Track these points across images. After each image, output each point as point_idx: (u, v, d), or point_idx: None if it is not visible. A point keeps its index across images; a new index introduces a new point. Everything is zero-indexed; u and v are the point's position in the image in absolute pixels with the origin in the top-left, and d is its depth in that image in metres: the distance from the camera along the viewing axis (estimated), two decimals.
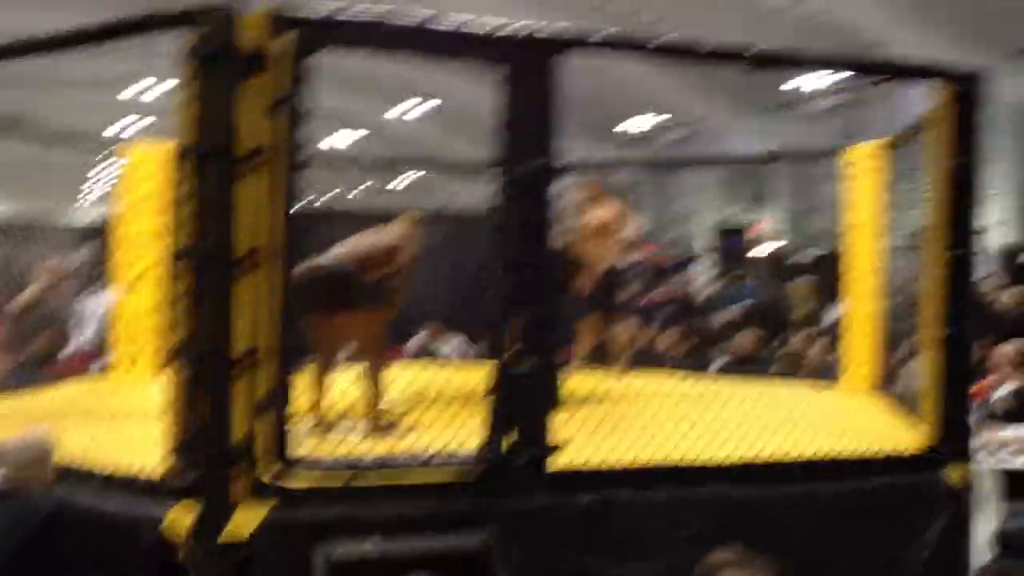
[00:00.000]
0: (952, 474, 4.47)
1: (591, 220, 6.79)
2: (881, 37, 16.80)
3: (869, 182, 6.84)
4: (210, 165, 3.57)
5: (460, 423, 4.27)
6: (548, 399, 4.04)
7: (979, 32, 16.99)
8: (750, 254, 12.48)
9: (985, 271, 14.24)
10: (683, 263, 18.06)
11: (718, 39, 4.41)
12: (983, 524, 4.69)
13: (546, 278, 3.98)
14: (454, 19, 3.90)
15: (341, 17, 3.70)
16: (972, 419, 4.68)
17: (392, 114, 22.95)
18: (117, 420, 4.27)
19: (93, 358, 9.80)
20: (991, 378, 7.33)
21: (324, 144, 23.58)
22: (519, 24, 3.95)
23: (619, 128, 24.62)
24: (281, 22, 3.61)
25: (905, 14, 16.09)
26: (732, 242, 12.01)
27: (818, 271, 12.57)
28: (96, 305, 10.38)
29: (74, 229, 8.71)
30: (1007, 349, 7.32)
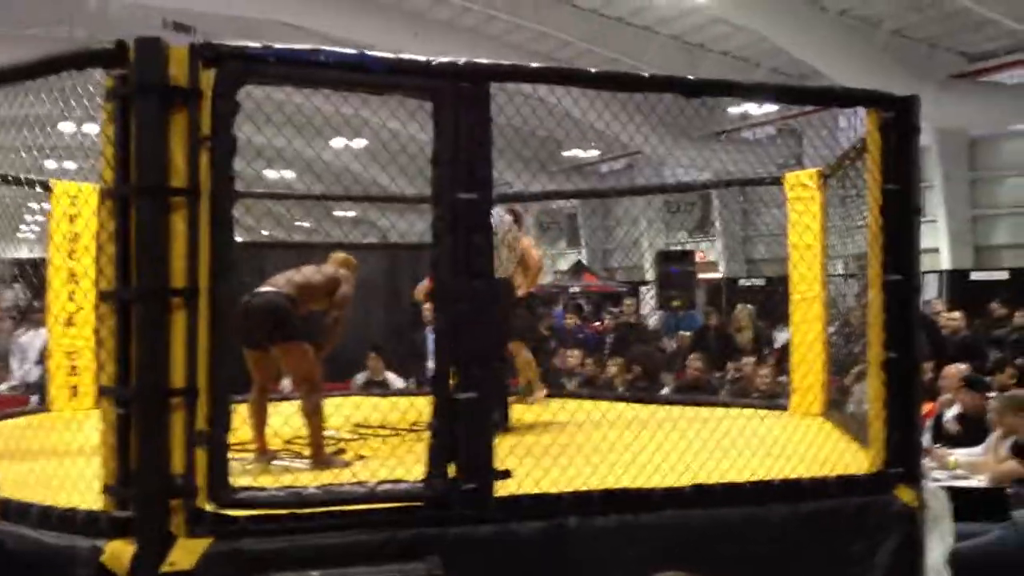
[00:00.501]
0: (904, 495, 4.47)
1: (516, 248, 6.80)
2: (813, 66, 17.12)
3: (809, 208, 6.92)
4: (139, 201, 3.50)
5: (405, 451, 4.22)
6: (493, 426, 4.00)
7: (908, 59, 17.40)
8: (694, 280, 12.58)
9: (930, 295, 14.55)
10: (630, 291, 18.18)
11: (653, 71, 4.45)
12: (936, 544, 4.71)
13: (487, 307, 3.96)
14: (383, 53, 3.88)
15: (269, 51, 3.65)
16: (923, 439, 4.69)
17: (329, 148, 22.95)
18: (56, 455, 4.17)
19: (33, 392, 9.61)
20: (942, 398, 7.44)
21: (261, 177, 23.44)
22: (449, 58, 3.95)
23: (565, 155, 24.86)
24: (207, 57, 3.56)
25: (835, 44, 16.42)
26: (674, 269, 12.07)
27: (763, 297, 12.73)
28: (35, 340, 10.19)
29: (10, 266, 8.56)
30: (953, 371, 7.43)
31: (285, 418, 4.87)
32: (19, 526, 3.78)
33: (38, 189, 7.13)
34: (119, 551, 3.45)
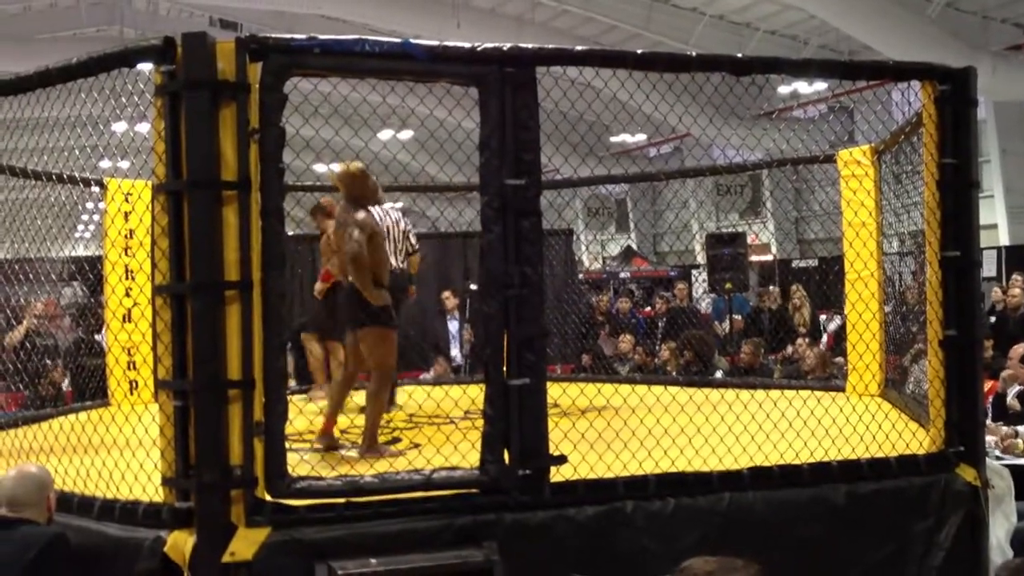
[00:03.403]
0: (966, 474, 4.41)
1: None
2: (863, 42, 16.84)
3: (863, 185, 6.82)
4: (191, 195, 3.54)
5: (459, 438, 4.23)
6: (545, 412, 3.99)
7: (961, 32, 17.04)
8: (746, 263, 12.45)
9: (988, 272, 14.29)
10: (681, 275, 18.05)
11: (699, 52, 4.39)
12: (999, 523, 4.63)
13: (538, 294, 3.94)
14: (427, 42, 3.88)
15: (314, 42, 3.67)
16: (987, 416, 4.59)
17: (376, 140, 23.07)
18: (117, 448, 4.24)
19: None
20: (1004, 374, 7.32)
21: (310, 170, 23.61)
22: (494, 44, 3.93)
23: (613, 139, 24.73)
24: (254, 51, 3.59)
25: (885, 18, 16.12)
26: (725, 252, 11.95)
27: (818, 277, 12.59)
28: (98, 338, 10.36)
29: (68, 266, 8.70)
30: (1019, 349, 7.28)
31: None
32: (83, 519, 3.85)
33: (93, 188, 7.23)
34: (180, 542, 3.51)
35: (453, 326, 11.49)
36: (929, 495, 4.34)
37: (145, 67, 3.81)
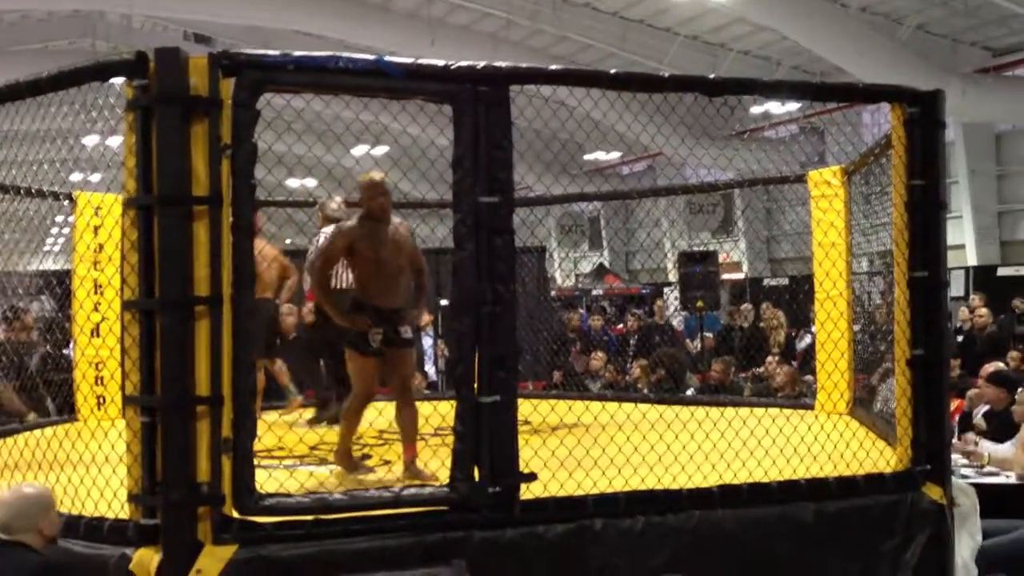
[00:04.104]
0: (932, 492, 4.44)
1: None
2: (835, 64, 17.01)
3: (833, 206, 6.88)
4: (162, 210, 3.53)
5: (429, 455, 4.23)
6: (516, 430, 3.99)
7: (932, 55, 17.26)
8: (718, 281, 12.51)
9: (956, 291, 14.44)
10: (653, 292, 18.13)
11: (673, 71, 4.42)
12: (965, 541, 4.67)
13: (511, 311, 3.94)
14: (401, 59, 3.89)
15: (287, 59, 3.67)
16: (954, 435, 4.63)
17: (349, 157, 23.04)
18: (83, 464, 4.19)
19: None
20: (971, 393, 7.39)
21: (283, 185, 23.58)
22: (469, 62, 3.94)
23: (586, 157, 24.82)
24: (227, 66, 3.58)
25: (857, 40, 16.30)
26: (696, 270, 11.99)
27: (788, 296, 12.67)
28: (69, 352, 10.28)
29: (37, 279, 8.62)
30: (988, 368, 7.35)
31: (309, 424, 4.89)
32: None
33: (63, 201, 7.17)
34: (146, 559, 3.48)
35: (427, 342, 11.51)
36: (896, 513, 4.37)
37: (117, 80, 3.80)
